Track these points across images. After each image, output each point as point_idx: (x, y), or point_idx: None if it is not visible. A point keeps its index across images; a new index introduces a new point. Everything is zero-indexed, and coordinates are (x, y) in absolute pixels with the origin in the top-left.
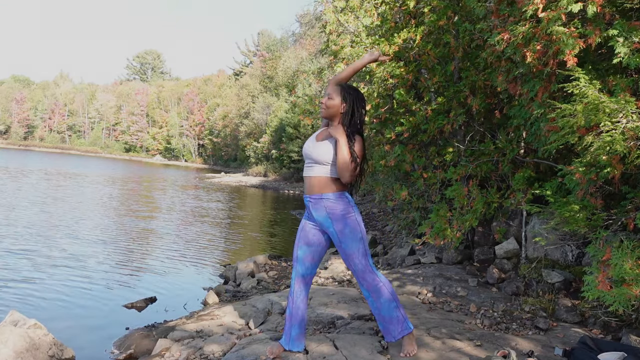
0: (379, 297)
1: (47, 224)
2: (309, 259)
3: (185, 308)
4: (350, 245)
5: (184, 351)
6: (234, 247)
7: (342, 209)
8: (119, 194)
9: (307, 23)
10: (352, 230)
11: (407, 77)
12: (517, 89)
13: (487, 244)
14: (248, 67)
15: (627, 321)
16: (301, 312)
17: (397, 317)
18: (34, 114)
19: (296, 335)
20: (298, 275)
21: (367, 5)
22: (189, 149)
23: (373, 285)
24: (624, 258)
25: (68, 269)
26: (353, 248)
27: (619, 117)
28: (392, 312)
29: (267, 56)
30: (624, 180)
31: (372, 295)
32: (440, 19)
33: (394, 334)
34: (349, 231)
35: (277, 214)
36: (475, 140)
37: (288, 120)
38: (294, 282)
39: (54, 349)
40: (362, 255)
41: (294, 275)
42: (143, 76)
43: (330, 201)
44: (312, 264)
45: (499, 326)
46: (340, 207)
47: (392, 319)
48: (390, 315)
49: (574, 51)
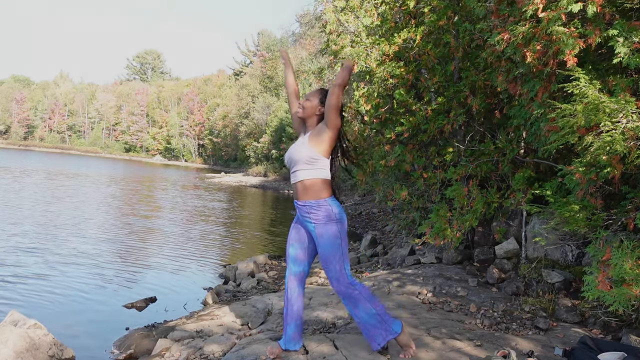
0: (356, 305)
1: (47, 223)
2: (300, 257)
3: (185, 308)
4: (327, 251)
5: (184, 351)
6: (234, 247)
7: (324, 216)
8: (121, 194)
9: (307, 23)
10: (331, 237)
11: (407, 77)
12: (517, 89)
13: (487, 244)
14: (248, 67)
15: (627, 321)
16: (296, 310)
17: (377, 324)
18: (34, 114)
19: (292, 334)
20: (291, 273)
21: (367, 5)
22: (189, 149)
23: (347, 294)
24: (624, 258)
25: (68, 268)
26: (330, 254)
27: (619, 117)
28: (372, 319)
29: (267, 56)
30: (624, 180)
31: (348, 303)
32: (440, 19)
33: (377, 340)
34: (327, 237)
35: (277, 214)
36: (475, 140)
37: (288, 120)
38: (287, 280)
39: (54, 349)
40: (339, 262)
41: (287, 273)
42: (143, 76)
43: (313, 208)
44: (305, 262)
45: (499, 326)
46: (323, 213)
47: (372, 326)
48: (370, 322)
49: (574, 51)
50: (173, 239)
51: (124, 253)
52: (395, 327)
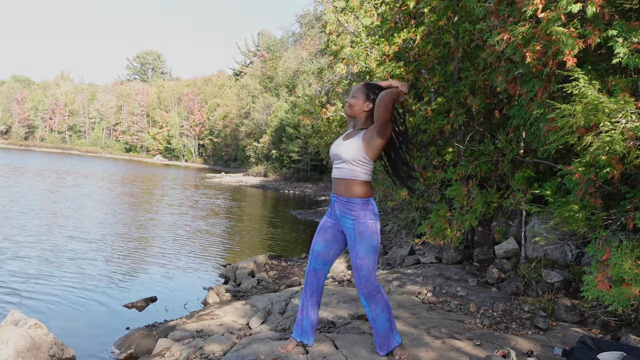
0: (376, 307)
1: (49, 223)
2: (322, 255)
3: (185, 308)
4: (364, 250)
5: (184, 351)
6: (234, 247)
7: (366, 214)
8: (121, 194)
9: (307, 23)
10: (370, 237)
11: (407, 77)
12: (516, 89)
13: (487, 243)
14: (248, 67)
15: (627, 321)
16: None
17: (389, 331)
18: (34, 114)
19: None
20: (311, 268)
21: (367, 5)
22: (189, 149)
23: (373, 295)
24: (623, 258)
25: (68, 268)
26: (365, 253)
27: (618, 117)
28: (385, 325)
29: (267, 56)
30: (623, 180)
31: (369, 305)
32: (440, 19)
33: (383, 347)
34: (368, 236)
35: (277, 214)
36: (475, 140)
37: (288, 120)
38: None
39: (54, 349)
40: (372, 263)
41: (308, 269)
42: (143, 76)
43: (356, 205)
44: (326, 260)
45: (499, 326)
46: (365, 212)
47: (384, 332)
48: (383, 328)
49: (573, 51)
50: (173, 239)
51: (124, 253)
52: (398, 337)
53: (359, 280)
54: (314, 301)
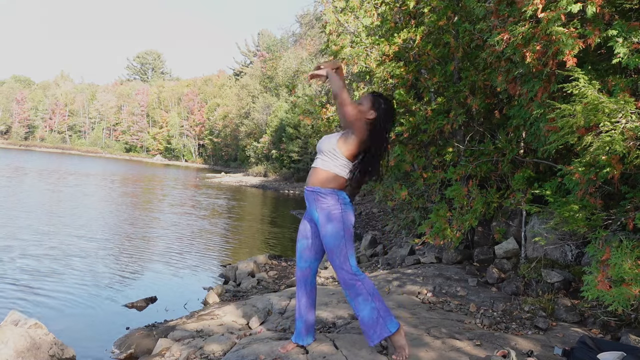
0: (356, 295)
1: (52, 223)
2: (307, 253)
3: (185, 308)
4: (330, 241)
5: (184, 351)
6: (234, 247)
7: (330, 205)
8: (122, 194)
9: (307, 23)
10: (335, 227)
11: (407, 77)
12: (516, 89)
13: (487, 243)
14: (248, 67)
15: (627, 321)
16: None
17: (375, 319)
18: (34, 114)
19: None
20: (298, 268)
21: (367, 5)
22: (189, 149)
23: (350, 284)
24: (623, 258)
25: (68, 268)
26: (333, 244)
27: (618, 117)
28: (371, 314)
29: (267, 56)
30: (623, 180)
31: (349, 294)
32: (440, 19)
33: (372, 337)
34: (332, 227)
35: (277, 214)
36: (475, 140)
37: (288, 120)
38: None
39: (54, 349)
40: (342, 252)
41: (296, 273)
42: (143, 76)
43: (320, 195)
44: (311, 258)
45: (499, 326)
46: (330, 202)
47: (370, 320)
48: (370, 316)
49: (573, 51)
50: (173, 239)
51: (124, 253)
52: (391, 326)
53: (334, 270)
54: (310, 303)
